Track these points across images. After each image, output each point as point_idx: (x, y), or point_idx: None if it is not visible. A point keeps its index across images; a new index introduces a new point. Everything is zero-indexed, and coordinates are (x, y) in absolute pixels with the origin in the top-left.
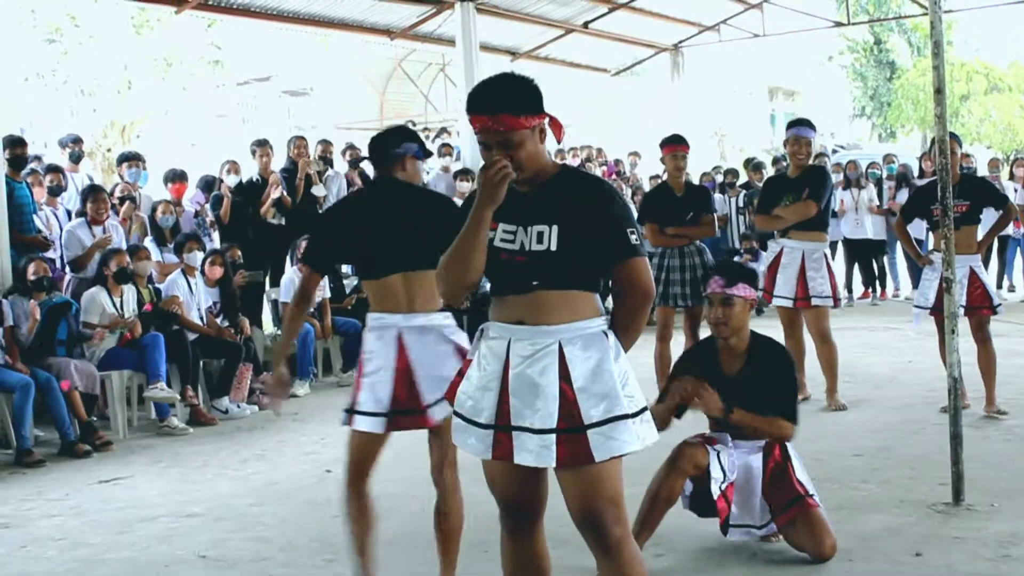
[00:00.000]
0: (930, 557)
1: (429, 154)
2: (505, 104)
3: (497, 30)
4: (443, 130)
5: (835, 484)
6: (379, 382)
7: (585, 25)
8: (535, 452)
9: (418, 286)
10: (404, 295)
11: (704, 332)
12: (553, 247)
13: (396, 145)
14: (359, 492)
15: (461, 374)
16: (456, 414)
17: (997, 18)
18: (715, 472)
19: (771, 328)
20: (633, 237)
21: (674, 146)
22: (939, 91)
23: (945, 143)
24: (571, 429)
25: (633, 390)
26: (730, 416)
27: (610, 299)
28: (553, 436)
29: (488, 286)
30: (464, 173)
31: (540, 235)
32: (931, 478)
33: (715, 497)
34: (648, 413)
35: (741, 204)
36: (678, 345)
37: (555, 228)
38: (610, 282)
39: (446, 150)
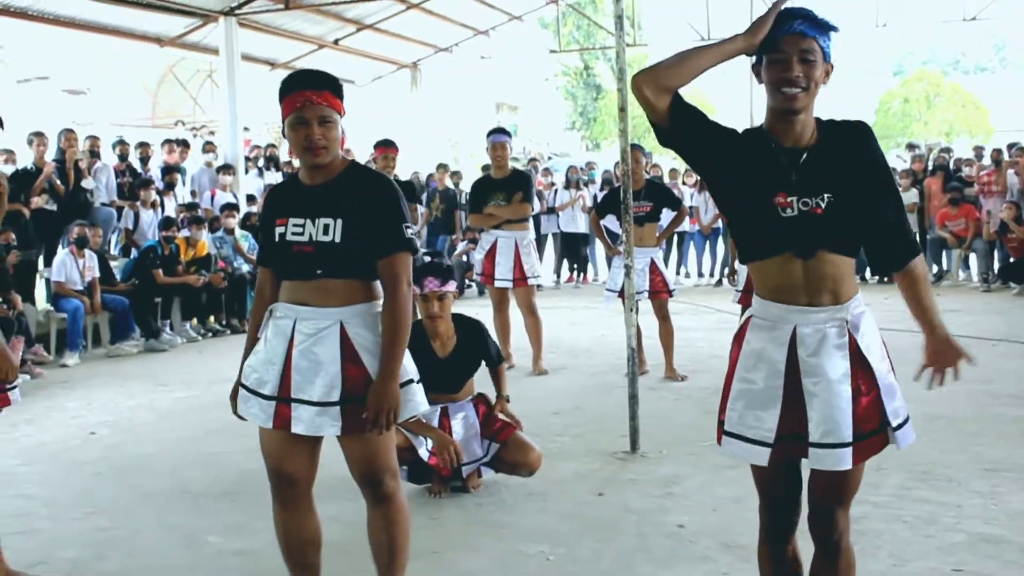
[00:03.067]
0: (610, 496)
1: None
2: (329, 85)
3: (257, 43)
4: (209, 132)
5: (536, 438)
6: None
7: (336, 42)
8: (309, 422)
9: None
10: None
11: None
12: (337, 239)
13: None
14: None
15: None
16: (242, 385)
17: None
18: (416, 442)
19: (477, 307)
20: (408, 232)
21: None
22: (623, 109)
23: (627, 153)
24: (359, 399)
25: (408, 363)
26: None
27: None
28: (338, 408)
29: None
30: (226, 168)
31: (326, 227)
32: (614, 432)
33: (427, 459)
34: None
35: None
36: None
37: (339, 222)
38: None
39: (209, 147)
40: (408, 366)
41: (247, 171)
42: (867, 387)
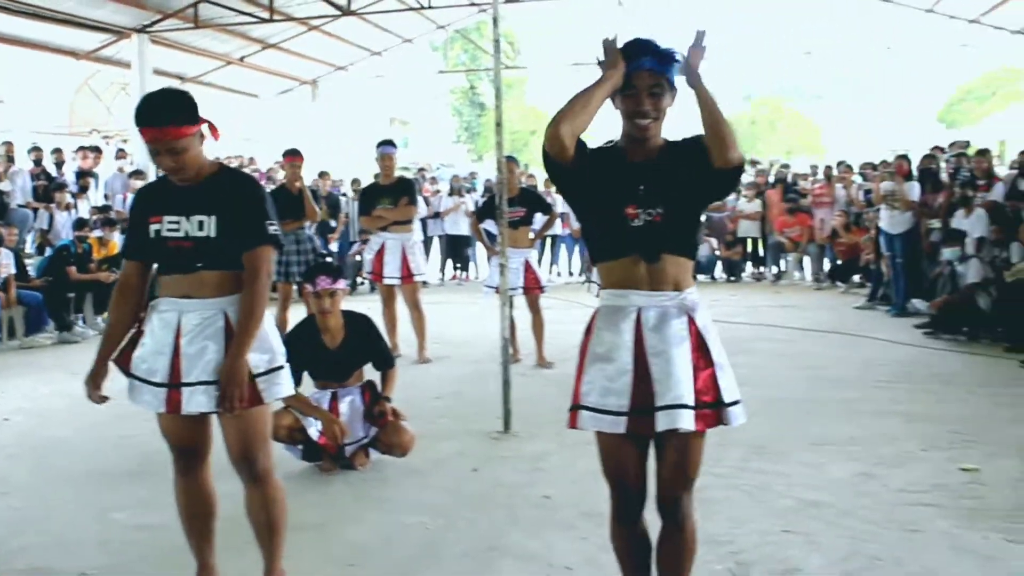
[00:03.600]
0: (484, 472)
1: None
2: (170, 118)
3: (168, 58)
4: (123, 140)
5: (419, 420)
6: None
7: (242, 59)
8: (201, 402)
9: None
10: None
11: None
12: (213, 234)
13: None
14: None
15: (134, 344)
16: (132, 376)
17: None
18: (306, 423)
19: (369, 303)
20: (271, 228)
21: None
22: (498, 124)
23: (503, 164)
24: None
25: (278, 350)
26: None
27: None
28: (215, 387)
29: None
30: (137, 173)
31: (201, 224)
32: (490, 414)
33: (316, 439)
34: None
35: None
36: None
37: (213, 218)
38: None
39: (122, 154)
40: (278, 353)
41: (157, 176)
42: (704, 363)
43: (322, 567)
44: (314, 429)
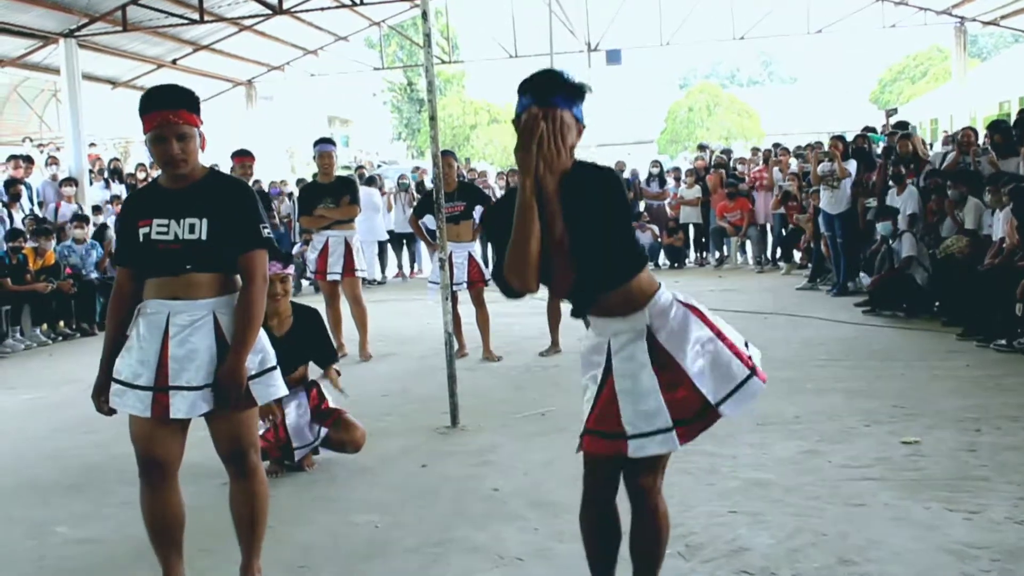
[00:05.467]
0: (432, 467)
1: None
2: (184, 102)
3: (98, 62)
4: (56, 147)
5: (366, 419)
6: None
7: (174, 62)
8: (189, 406)
9: None
10: None
11: None
12: (204, 236)
13: None
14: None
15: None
16: (115, 380)
17: (499, 68)
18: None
19: (313, 303)
20: (265, 232)
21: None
22: (433, 118)
23: (438, 158)
24: None
25: (268, 351)
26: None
27: None
28: (209, 390)
29: None
30: (69, 181)
31: (192, 226)
32: (436, 409)
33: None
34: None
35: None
36: None
37: (204, 220)
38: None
39: (52, 161)
40: (269, 354)
41: (91, 183)
42: (678, 379)
43: (271, 570)
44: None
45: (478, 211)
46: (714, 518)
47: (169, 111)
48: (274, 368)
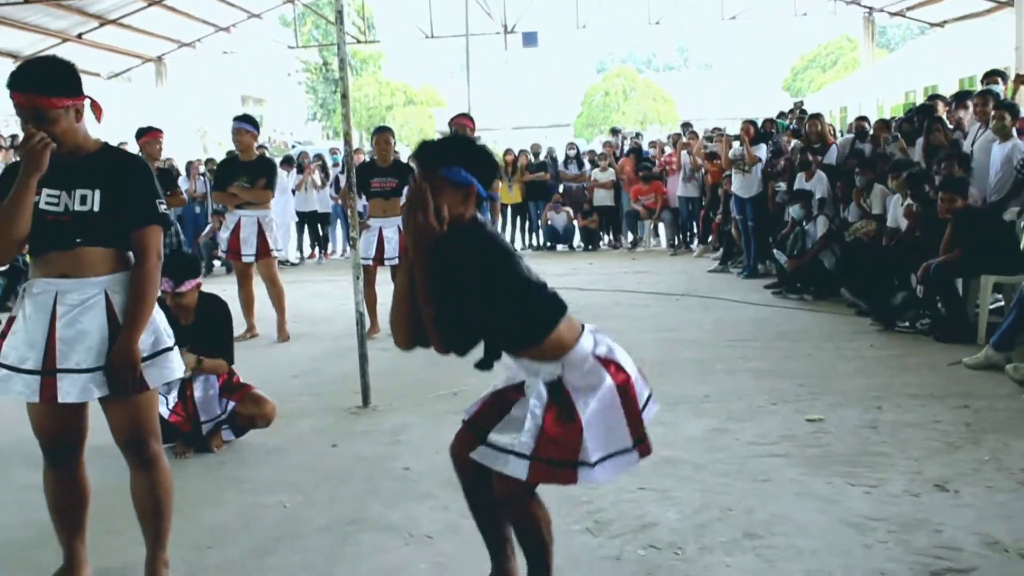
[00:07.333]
0: (343, 447)
1: None
2: (38, 85)
3: (0, 35)
4: None
5: (277, 399)
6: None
7: (79, 36)
8: (79, 390)
9: None
10: None
11: None
12: (96, 208)
13: None
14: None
15: (3, 335)
16: (1, 364)
17: (416, 50)
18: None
19: (225, 284)
20: (161, 207)
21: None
22: (344, 96)
23: (349, 135)
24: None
25: (165, 331)
26: (202, 366)
27: None
28: (102, 373)
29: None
30: None
31: (84, 198)
32: (349, 389)
33: (167, 417)
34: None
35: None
36: None
37: (98, 192)
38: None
39: None
40: (165, 334)
41: None
42: (569, 421)
43: (178, 551)
44: (164, 407)
45: (407, 191)
46: (623, 495)
47: (20, 94)
48: (170, 349)
